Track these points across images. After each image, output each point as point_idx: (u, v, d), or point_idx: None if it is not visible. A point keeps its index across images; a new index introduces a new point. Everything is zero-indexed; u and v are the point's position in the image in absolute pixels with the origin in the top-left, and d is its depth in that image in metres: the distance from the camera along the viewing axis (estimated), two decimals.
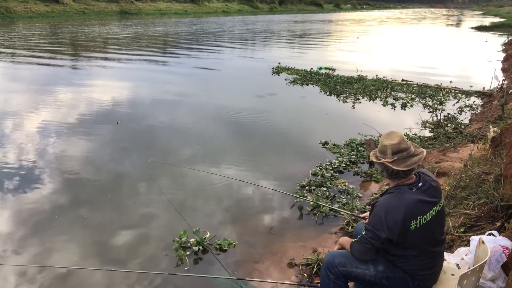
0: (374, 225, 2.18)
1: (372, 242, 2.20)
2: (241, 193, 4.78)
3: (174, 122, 7.50)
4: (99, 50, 18.18)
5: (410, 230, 2.13)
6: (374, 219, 2.20)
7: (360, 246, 2.28)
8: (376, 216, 2.19)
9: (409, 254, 2.20)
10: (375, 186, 4.91)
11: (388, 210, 2.15)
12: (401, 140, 2.22)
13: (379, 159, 2.26)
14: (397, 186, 2.24)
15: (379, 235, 2.15)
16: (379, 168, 2.31)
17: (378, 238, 2.17)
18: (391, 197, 2.20)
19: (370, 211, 2.31)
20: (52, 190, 4.75)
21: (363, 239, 2.25)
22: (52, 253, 3.58)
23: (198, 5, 58.05)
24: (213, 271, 3.39)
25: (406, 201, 2.14)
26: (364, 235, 2.25)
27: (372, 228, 2.19)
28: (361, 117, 7.75)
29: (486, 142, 4.88)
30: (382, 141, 2.26)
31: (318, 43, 22.68)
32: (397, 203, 2.14)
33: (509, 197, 3.20)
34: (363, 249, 2.27)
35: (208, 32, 28.62)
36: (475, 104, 8.80)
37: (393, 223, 2.11)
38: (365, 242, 2.23)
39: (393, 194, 2.21)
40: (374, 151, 2.35)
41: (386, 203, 2.19)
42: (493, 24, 35.54)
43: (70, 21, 37.31)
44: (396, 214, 2.11)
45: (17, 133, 6.72)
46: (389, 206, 2.16)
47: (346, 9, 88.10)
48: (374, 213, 2.22)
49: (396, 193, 2.20)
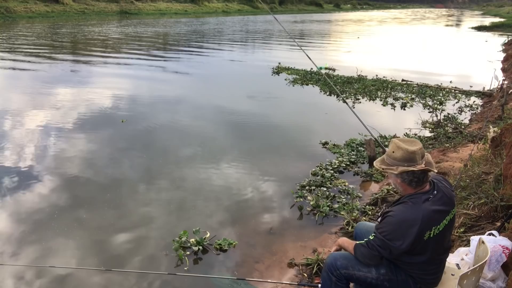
0: (385, 235, 2.09)
1: (380, 251, 2.14)
2: (241, 193, 4.78)
3: (174, 122, 7.49)
4: (98, 50, 18.17)
5: (423, 240, 2.06)
6: (387, 229, 2.10)
7: (366, 252, 2.21)
8: (389, 225, 2.10)
9: (416, 261, 2.16)
10: (375, 186, 4.91)
11: (403, 221, 2.05)
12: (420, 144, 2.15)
13: (407, 167, 2.06)
14: (411, 195, 2.12)
15: (390, 245, 2.08)
16: (405, 178, 2.10)
17: (388, 248, 2.10)
18: (406, 208, 2.08)
19: (381, 219, 2.21)
20: (53, 188, 4.75)
21: (371, 245, 2.17)
22: (52, 253, 3.57)
23: (198, 5, 58.01)
24: (213, 271, 3.39)
25: (422, 212, 2.04)
26: (372, 242, 2.17)
27: (383, 237, 2.10)
28: (361, 117, 7.72)
29: (486, 142, 4.88)
30: (407, 149, 2.07)
31: (318, 43, 22.68)
32: (414, 215, 2.04)
33: (509, 197, 3.20)
34: (369, 255, 2.21)
35: (208, 32, 28.61)
36: (475, 104, 8.81)
37: (407, 235, 2.03)
38: (373, 249, 2.17)
39: (408, 205, 2.09)
40: (388, 165, 2.13)
41: (401, 214, 2.08)
42: (493, 24, 35.54)
43: (71, 21, 37.29)
44: (411, 226, 2.03)
45: (19, 132, 6.72)
46: (405, 218, 2.06)
47: (346, 9, 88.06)
48: (387, 223, 2.11)
49: (412, 203, 2.08)
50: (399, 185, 2.17)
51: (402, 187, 2.16)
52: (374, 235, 2.17)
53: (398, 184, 2.16)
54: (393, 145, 2.15)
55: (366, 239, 2.23)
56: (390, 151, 2.15)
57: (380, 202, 4.37)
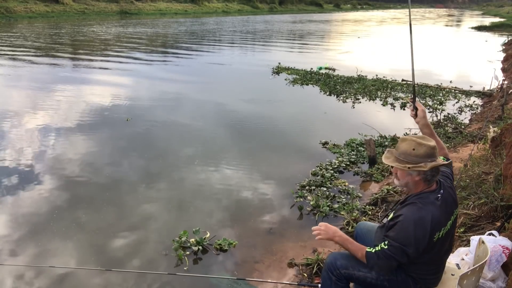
0: (402, 241, 2.02)
1: (398, 259, 2.06)
2: (241, 193, 4.78)
3: (173, 122, 7.49)
4: (98, 50, 18.17)
5: (433, 241, 2.03)
6: (402, 235, 2.02)
7: (383, 263, 2.09)
8: (403, 231, 2.02)
9: (419, 261, 2.14)
10: (375, 186, 4.90)
11: (416, 223, 2.00)
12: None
13: (436, 163, 2.02)
14: (419, 195, 2.08)
15: (407, 251, 2.02)
16: (428, 175, 2.04)
17: (405, 255, 2.04)
18: (417, 208, 2.03)
19: (391, 225, 2.11)
20: (53, 187, 4.75)
21: (387, 255, 2.06)
22: (52, 253, 3.57)
23: (198, 5, 57.99)
24: (213, 271, 3.38)
25: (432, 212, 2.00)
26: (387, 251, 2.06)
27: (399, 244, 2.02)
28: (361, 117, 7.75)
29: (486, 142, 4.88)
30: (429, 145, 2.04)
31: (319, 43, 22.68)
32: (424, 215, 2.00)
33: (509, 197, 3.20)
34: (386, 266, 2.11)
35: (208, 32, 28.61)
36: (475, 104, 8.80)
37: (421, 236, 2.00)
38: (389, 259, 2.07)
39: (418, 206, 2.04)
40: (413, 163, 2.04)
41: (413, 215, 2.02)
42: (493, 24, 35.51)
43: (71, 21, 37.29)
44: (424, 227, 1.99)
45: (19, 132, 6.73)
46: (417, 218, 2.00)
47: (346, 9, 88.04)
48: (401, 228, 2.03)
49: (420, 203, 2.04)
50: (414, 182, 2.08)
51: (416, 185, 2.09)
52: (387, 244, 2.07)
53: (415, 181, 2.08)
54: (410, 142, 2.08)
55: (378, 249, 2.10)
56: (409, 148, 2.06)
57: (380, 202, 4.37)
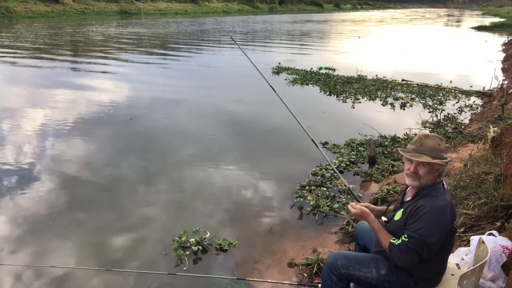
0: (423, 233, 2.04)
1: (419, 253, 2.07)
2: (241, 193, 4.78)
3: (173, 122, 7.49)
4: (98, 50, 18.17)
5: (453, 229, 2.13)
6: (424, 225, 2.05)
7: (407, 256, 2.09)
8: (426, 220, 2.05)
9: (432, 259, 2.14)
10: (375, 186, 4.90)
11: (439, 210, 2.07)
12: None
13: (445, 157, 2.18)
14: (432, 186, 2.18)
15: (428, 242, 2.03)
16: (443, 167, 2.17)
17: (425, 247, 2.05)
18: (436, 198, 2.11)
19: (410, 218, 2.13)
20: (53, 187, 4.75)
21: (411, 249, 2.07)
22: (51, 253, 3.57)
23: (198, 5, 58.00)
24: (213, 271, 3.38)
25: (447, 200, 2.12)
26: (411, 246, 2.07)
27: (420, 236, 2.05)
28: (361, 117, 7.74)
29: (486, 142, 4.88)
30: (441, 140, 2.19)
31: (319, 43, 22.67)
32: (444, 203, 2.10)
33: (509, 197, 3.20)
34: (407, 260, 2.11)
35: (208, 32, 28.60)
36: (475, 104, 8.80)
37: (444, 223, 2.07)
38: (411, 252, 2.08)
39: (435, 196, 2.13)
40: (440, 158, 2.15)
41: (434, 204, 2.08)
42: (493, 24, 35.53)
43: (71, 21, 37.28)
44: (445, 214, 2.07)
45: (20, 132, 6.73)
46: (438, 206, 2.08)
47: (346, 9, 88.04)
48: (426, 219, 2.06)
49: (437, 194, 2.14)
50: (433, 177, 2.18)
51: (433, 178, 2.18)
52: (409, 237, 2.08)
53: (434, 176, 2.18)
54: (434, 138, 2.19)
55: (400, 241, 2.12)
56: (436, 144, 2.17)
57: (380, 202, 4.37)
